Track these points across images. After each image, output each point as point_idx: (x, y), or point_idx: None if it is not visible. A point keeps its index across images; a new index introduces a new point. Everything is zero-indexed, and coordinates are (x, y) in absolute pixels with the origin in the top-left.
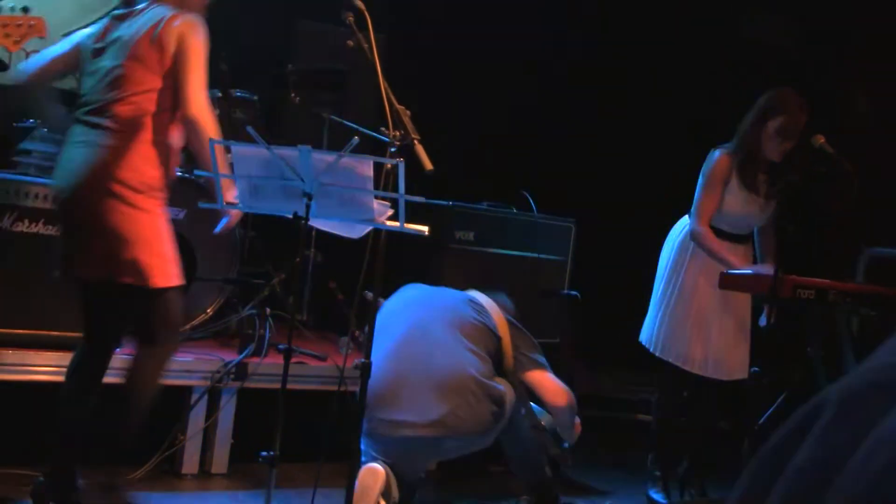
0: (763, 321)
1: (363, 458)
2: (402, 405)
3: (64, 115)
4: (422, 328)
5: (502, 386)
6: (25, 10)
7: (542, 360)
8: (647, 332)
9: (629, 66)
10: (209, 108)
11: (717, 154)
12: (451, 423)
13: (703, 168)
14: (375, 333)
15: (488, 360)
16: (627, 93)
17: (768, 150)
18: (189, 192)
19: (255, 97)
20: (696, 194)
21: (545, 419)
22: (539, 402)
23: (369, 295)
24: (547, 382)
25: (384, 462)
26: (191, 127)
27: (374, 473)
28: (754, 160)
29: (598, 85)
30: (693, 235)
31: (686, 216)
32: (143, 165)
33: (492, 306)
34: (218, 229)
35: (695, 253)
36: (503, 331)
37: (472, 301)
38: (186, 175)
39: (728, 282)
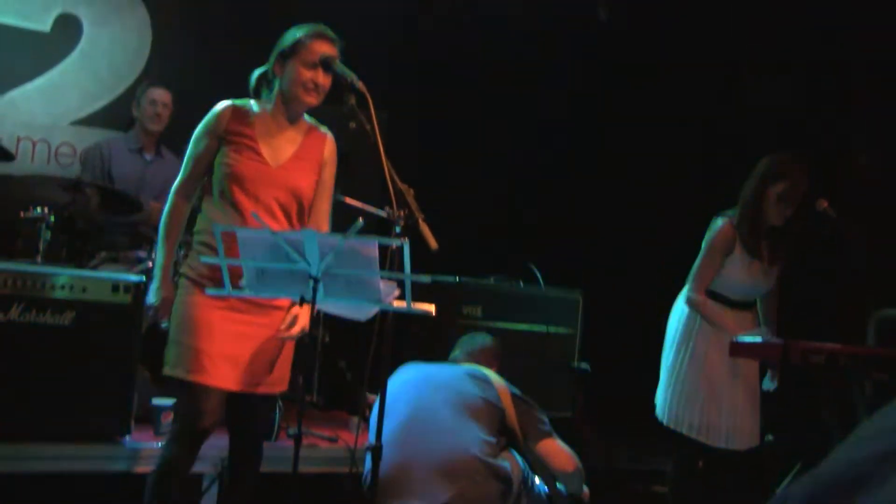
0: (767, 384)
1: None
2: (410, 490)
3: None
4: (423, 410)
5: (508, 463)
6: None
7: (548, 427)
8: (660, 404)
9: (633, 136)
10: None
11: (719, 222)
12: None
13: (705, 236)
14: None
15: (493, 437)
16: (631, 163)
17: (771, 215)
18: None
19: None
20: (696, 261)
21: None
22: (546, 469)
23: (371, 397)
24: (554, 450)
25: None
26: None
27: None
28: (757, 226)
29: (603, 158)
30: (689, 302)
31: None
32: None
33: (495, 378)
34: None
35: (702, 322)
36: (507, 403)
37: (474, 375)
38: None
39: (738, 350)
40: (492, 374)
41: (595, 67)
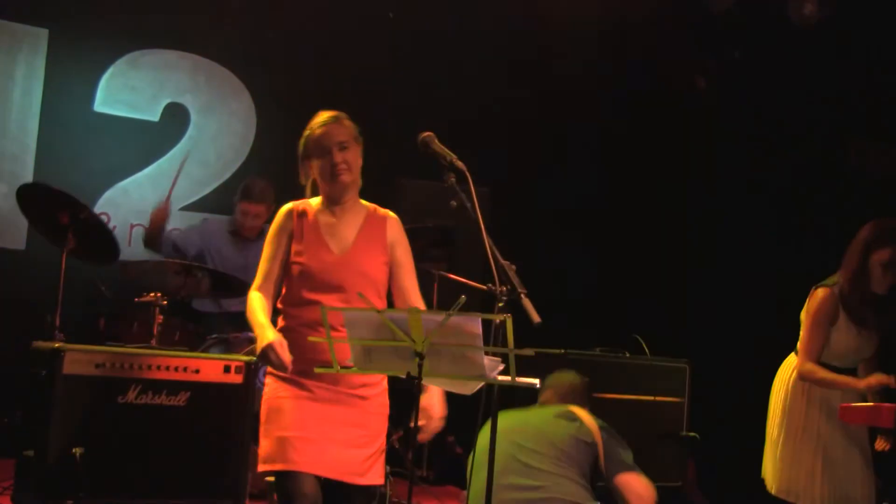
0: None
1: None
2: None
3: None
4: (517, 460)
5: None
6: None
7: (631, 461)
8: (770, 474)
9: (734, 205)
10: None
11: (820, 292)
12: None
13: (806, 306)
14: (473, 471)
15: (587, 481)
16: (733, 233)
17: (874, 282)
18: None
19: None
20: (802, 333)
21: None
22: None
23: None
24: (634, 484)
25: None
26: None
27: None
28: (860, 294)
29: (707, 228)
30: (802, 375)
31: (793, 353)
32: None
33: (584, 415)
34: None
35: (810, 389)
36: (597, 437)
37: (563, 415)
38: None
39: (849, 414)
40: (580, 412)
41: (696, 141)
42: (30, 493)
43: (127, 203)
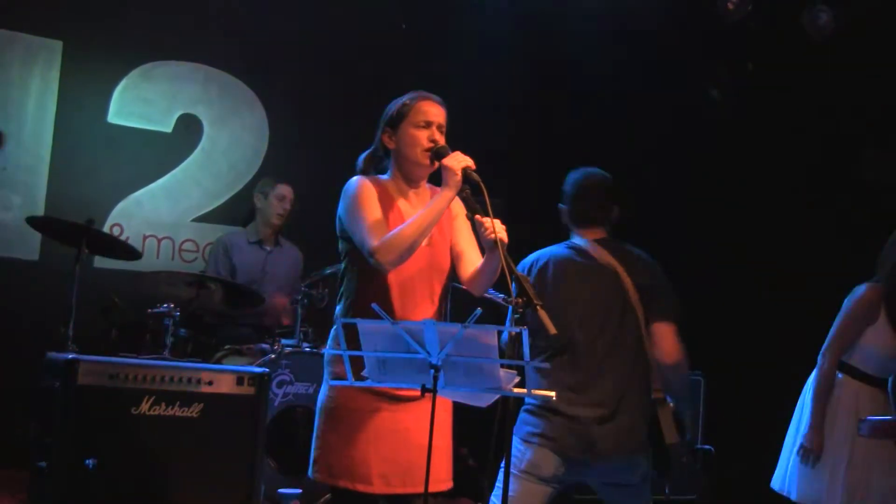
0: None
1: None
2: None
3: None
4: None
5: None
6: None
7: (675, 315)
8: (780, 480)
9: (745, 218)
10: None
11: (862, 288)
12: None
13: (845, 302)
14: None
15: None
16: (751, 243)
17: None
18: (319, 368)
19: None
20: (832, 327)
21: None
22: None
23: None
24: (668, 335)
25: None
26: None
27: None
28: None
29: (722, 238)
30: (819, 368)
31: None
32: None
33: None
34: None
35: (839, 396)
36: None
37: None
38: (315, 350)
39: (872, 430)
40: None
41: (711, 152)
42: None
43: (140, 214)
